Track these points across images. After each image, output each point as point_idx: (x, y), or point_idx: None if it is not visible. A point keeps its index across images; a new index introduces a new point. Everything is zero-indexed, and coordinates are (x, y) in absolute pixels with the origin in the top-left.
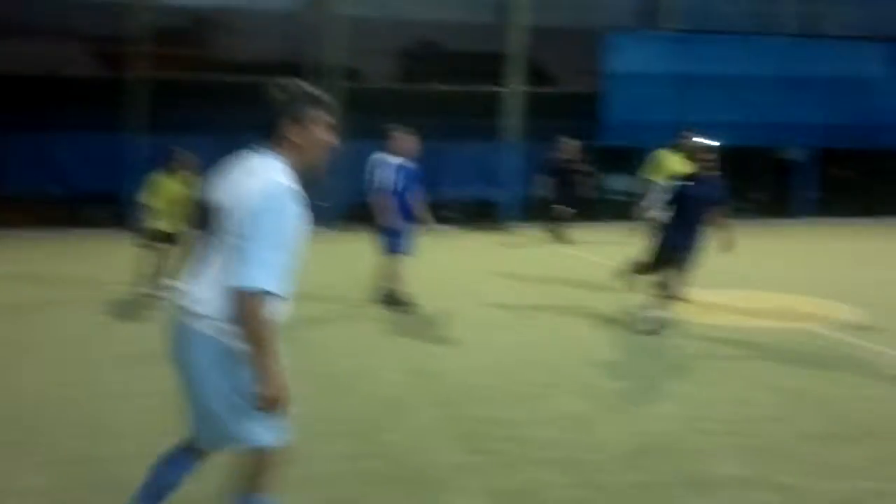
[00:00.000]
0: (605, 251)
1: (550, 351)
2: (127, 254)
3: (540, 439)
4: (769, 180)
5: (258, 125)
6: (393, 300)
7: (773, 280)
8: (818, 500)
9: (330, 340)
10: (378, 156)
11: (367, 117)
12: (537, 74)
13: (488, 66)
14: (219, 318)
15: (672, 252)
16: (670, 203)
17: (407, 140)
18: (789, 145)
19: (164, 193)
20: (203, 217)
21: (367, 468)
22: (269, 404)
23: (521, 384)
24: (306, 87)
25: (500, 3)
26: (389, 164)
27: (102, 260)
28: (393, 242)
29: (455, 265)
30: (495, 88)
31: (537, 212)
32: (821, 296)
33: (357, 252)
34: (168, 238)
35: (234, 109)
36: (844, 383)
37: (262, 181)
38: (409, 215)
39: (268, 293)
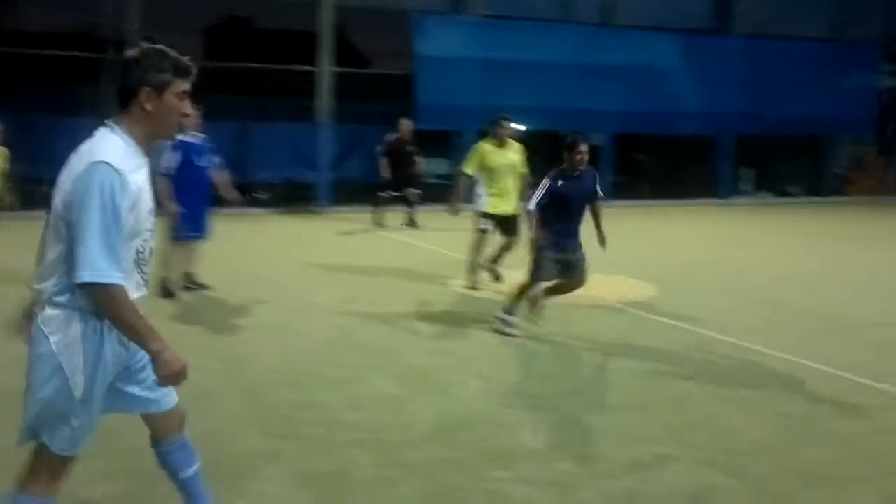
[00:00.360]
0: (420, 235)
1: (363, 335)
2: None
3: (350, 422)
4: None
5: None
6: (193, 284)
7: None
8: (615, 466)
9: None
10: None
11: None
12: (352, 55)
13: (300, 45)
14: (58, 303)
15: (564, 256)
16: (547, 204)
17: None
18: (591, 130)
19: None
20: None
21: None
22: (172, 380)
23: (332, 368)
24: (164, 51)
25: None
26: (168, 145)
27: None
28: (180, 227)
29: (268, 249)
30: (306, 68)
31: (351, 194)
32: (617, 273)
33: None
34: None
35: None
36: (639, 356)
37: (85, 163)
38: (201, 195)
39: (112, 283)
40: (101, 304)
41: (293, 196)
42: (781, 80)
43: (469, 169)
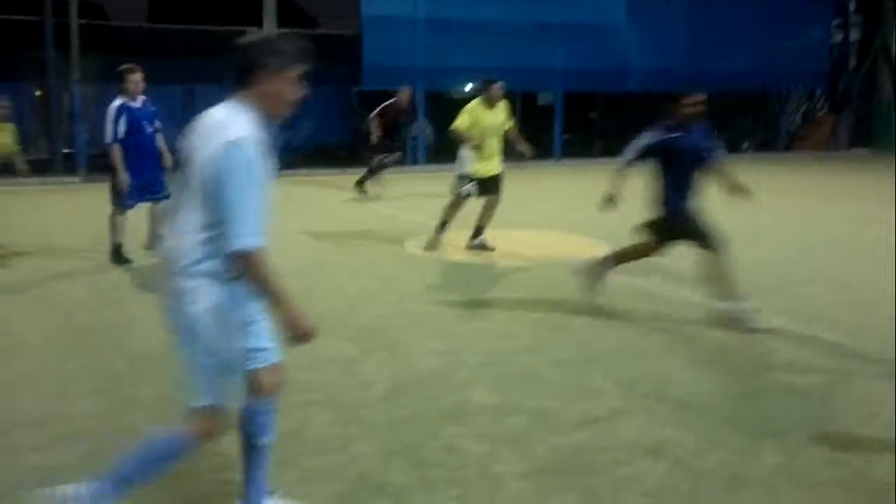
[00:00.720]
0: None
1: (320, 297)
2: None
3: (305, 382)
4: (527, 124)
5: (231, 74)
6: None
7: (532, 220)
8: (568, 420)
9: (78, 294)
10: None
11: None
12: (297, 16)
13: (244, 5)
14: (201, 272)
15: (679, 220)
16: (654, 158)
17: (132, 78)
18: (539, 89)
19: None
20: (181, 170)
21: (127, 424)
22: (301, 339)
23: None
24: (280, 37)
25: None
26: (113, 113)
27: None
28: (127, 195)
29: None
30: (249, 28)
31: (302, 158)
32: (571, 232)
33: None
34: None
35: None
36: (597, 313)
37: (227, 136)
38: (152, 159)
39: (259, 248)
40: (249, 268)
41: None
42: (730, 34)
43: (462, 126)
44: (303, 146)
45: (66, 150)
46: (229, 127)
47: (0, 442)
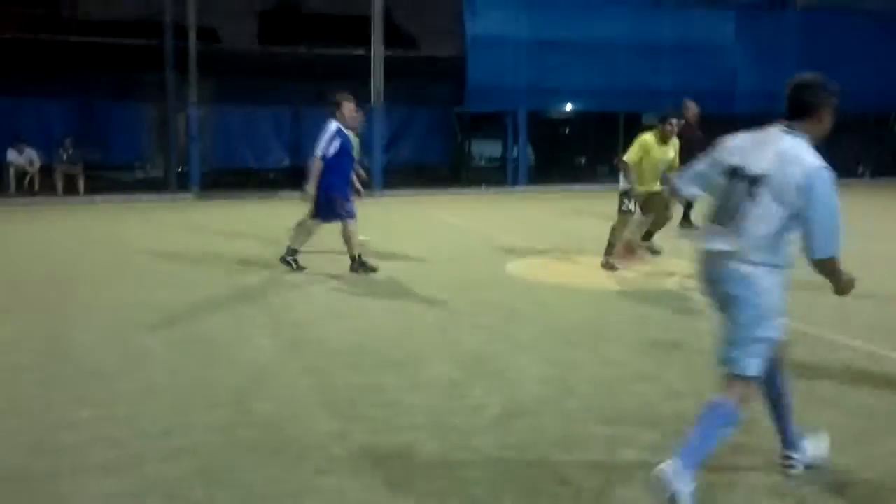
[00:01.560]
0: (471, 217)
1: (422, 317)
2: None
3: (413, 405)
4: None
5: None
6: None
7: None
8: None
9: (193, 309)
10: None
11: (224, 80)
12: (400, 37)
13: (349, 28)
14: (757, 262)
15: None
16: None
17: (348, 106)
18: (645, 110)
19: None
20: (732, 180)
21: (241, 438)
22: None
23: (392, 350)
24: (824, 77)
25: None
26: (332, 129)
27: None
28: (344, 208)
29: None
30: (357, 51)
31: (402, 178)
32: (677, 256)
33: (215, 218)
34: None
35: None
36: (706, 340)
37: (809, 161)
38: (348, 181)
39: (838, 255)
40: (825, 269)
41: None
42: (842, 55)
43: (630, 159)
44: (403, 166)
45: (180, 169)
46: (805, 152)
47: (125, 451)
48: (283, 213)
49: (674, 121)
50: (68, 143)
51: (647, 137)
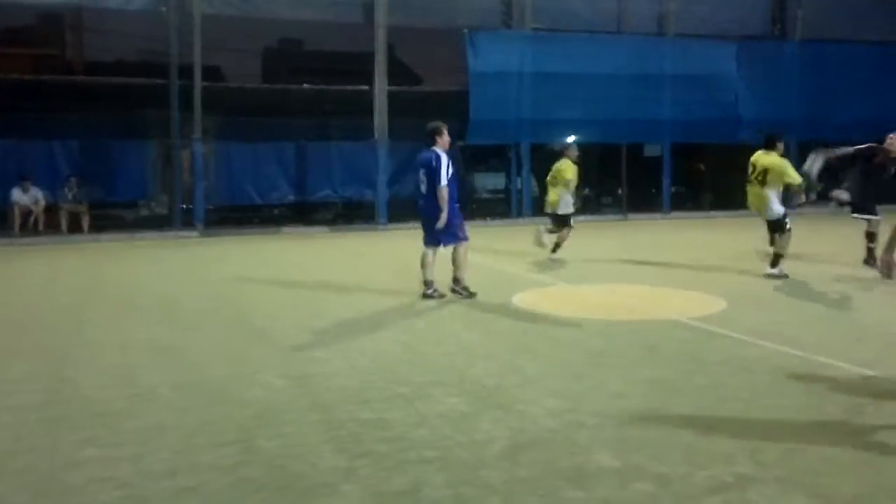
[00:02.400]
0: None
1: (428, 350)
2: None
3: (420, 439)
4: (631, 176)
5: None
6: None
7: (640, 273)
8: (693, 487)
9: (200, 348)
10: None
11: (229, 117)
12: (404, 73)
13: (352, 65)
14: None
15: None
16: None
17: (447, 133)
18: (646, 141)
19: None
20: None
21: (247, 476)
22: None
23: (399, 384)
24: None
25: (363, 3)
26: (444, 157)
27: None
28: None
29: (331, 267)
30: (360, 88)
31: (405, 210)
32: (683, 287)
33: (219, 256)
34: None
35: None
36: (710, 373)
37: None
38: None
39: None
40: None
41: (352, 213)
42: (842, 85)
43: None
44: (407, 199)
45: (184, 206)
46: None
47: (131, 491)
48: (289, 248)
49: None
50: (73, 181)
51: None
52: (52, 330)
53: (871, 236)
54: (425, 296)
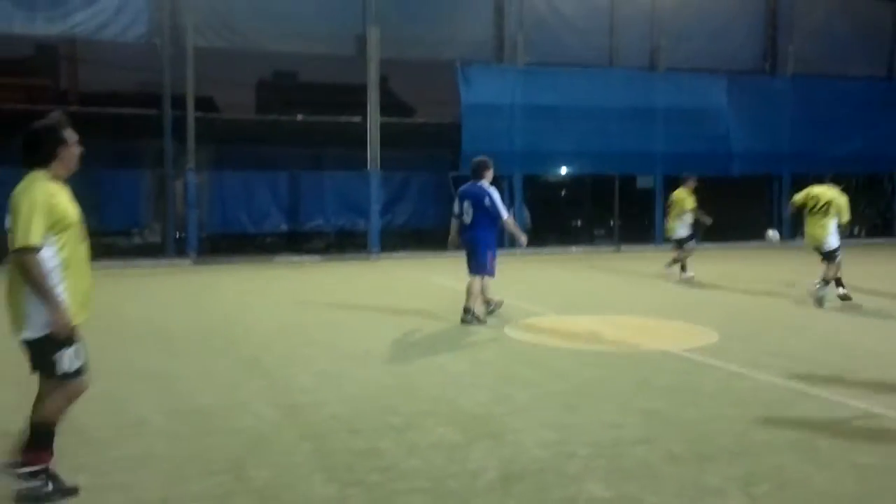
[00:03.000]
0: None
1: (419, 380)
2: None
3: (411, 469)
4: (624, 207)
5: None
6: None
7: (631, 304)
8: None
9: (190, 376)
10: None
11: (222, 147)
12: (397, 105)
13: (345, 97)
14: None
15: None
16: None
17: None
18: (638, 173)
19: None
20: None
21: None
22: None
23: (390, 414)
24: None
25: (356, 36)
26: (495, 191)
27: None
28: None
29: (324, 296)
30: (353, 119)
31: (398, 240)
32: (674, 318)
33: (212, 284)
34: None
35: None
36: (702, 404)
37: None
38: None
39: None
40: None
41: (344, 243)
42: (832, 119)
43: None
44: (399, 229)
45: (178, 234)
46: None
47: None
48: (281, 277)
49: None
50: None
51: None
52: None
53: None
54: (464, 322)
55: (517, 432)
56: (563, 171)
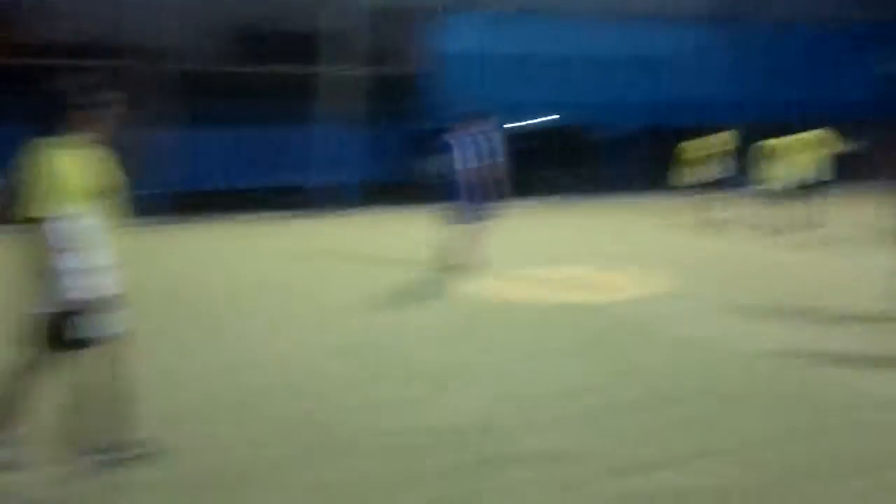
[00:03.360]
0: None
1: (373, 336)
2: None
3: (362, 426)
4: (585, 158)
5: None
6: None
7: (582, 254)
8: (622, 465)
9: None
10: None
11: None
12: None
13: (313, 46)
14: None
15: None
16: None
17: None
18: (599, 123)
19: None
20: None
21: (190, 470)
22: None
23: (341, 371)
24: None
25: None
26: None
27: None
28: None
29: (284, 251)
30: (324, 69)
31: (372, 196)
32: (630, 266)
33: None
34: None
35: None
36: (656, 352)
37: None
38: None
39: None
40: None
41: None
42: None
43: None
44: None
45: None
46: None
47: None
48: (263, 233)
49: None
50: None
51: None
52: None
53: None
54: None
55: (467, 385)
56: (534, 121)
